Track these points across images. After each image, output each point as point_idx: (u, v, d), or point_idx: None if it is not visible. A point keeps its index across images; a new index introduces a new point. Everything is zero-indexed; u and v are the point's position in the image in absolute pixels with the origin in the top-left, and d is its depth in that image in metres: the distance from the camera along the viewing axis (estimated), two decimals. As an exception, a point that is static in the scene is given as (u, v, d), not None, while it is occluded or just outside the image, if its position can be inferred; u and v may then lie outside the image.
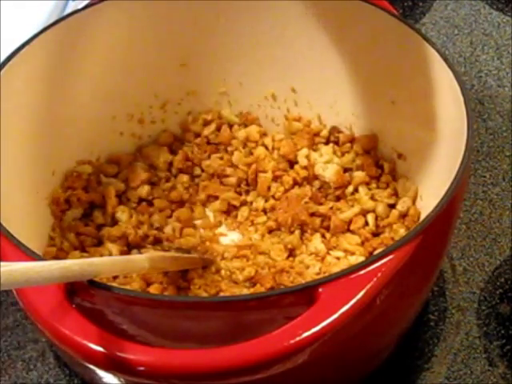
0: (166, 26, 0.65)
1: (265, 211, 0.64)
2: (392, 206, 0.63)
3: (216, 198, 0.65)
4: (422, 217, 0.59)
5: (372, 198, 0.63)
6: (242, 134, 0.68)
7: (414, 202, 0.62)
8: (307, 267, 0.60)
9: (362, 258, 0.59)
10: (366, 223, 0.62)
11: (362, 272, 0.46)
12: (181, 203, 0.65)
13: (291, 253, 0.61)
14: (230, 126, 0.69)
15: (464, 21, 0.84)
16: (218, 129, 0.69)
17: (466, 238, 0.67)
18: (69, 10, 0.76)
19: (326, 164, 0.65)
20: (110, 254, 0.60)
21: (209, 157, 0.68)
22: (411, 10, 0.86)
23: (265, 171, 0.66)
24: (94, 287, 0.46)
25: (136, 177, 0.65)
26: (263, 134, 0.69)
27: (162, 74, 0.67)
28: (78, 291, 0.46)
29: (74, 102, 0.63)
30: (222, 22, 0.66)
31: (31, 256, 0.47)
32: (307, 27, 0.64)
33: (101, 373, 0.49)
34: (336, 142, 0.67)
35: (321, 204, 0.64)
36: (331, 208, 0.63)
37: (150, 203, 0.65)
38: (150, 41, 0.65)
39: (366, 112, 0.65)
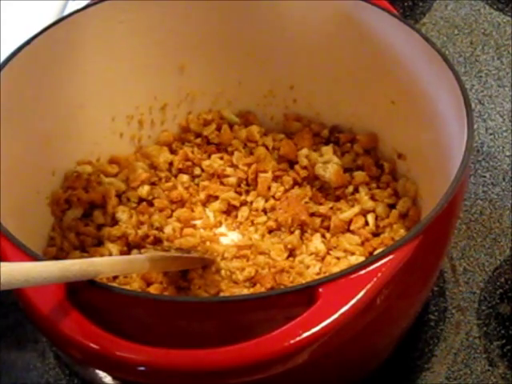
0: (165, 27, 0.65)
1: (265, 211, 0.64)
2: (392, 206, 0.63)
3: (216, 198, 0.65)
4: (422, 217, 0.59)
5: (372, 198, 0.63)
6: (242, 133, 0.68)
7: (414, 202, 0.62)
8: (307, 267, 0.60)
9: (362, 258, 0.59)
10: (366, 223, 0.62)
11: (362, 272, 0.46)
12: (181, 203, 0.65)
13: (291, 253, 0.61)
14: (231, 125, 0.69)
15: (464, 21, 0.84)
16: (218, 129, 0.69)
17: (466, 238, 0.67)
18: (69, 10, 0.76)
19: (326, 164, 0.65)
20: (110, 254, 0.60)
21: (209, 157, 0.68)
22: (411, 9, 0.86)
23: (265, 171, 0.65)
24: (94, 287, 0.46)
25: (136, 177, 0.65)
26: (263, 134, 0.68)
27: (162, 74, 0.67)
28: (78, 291, 0.46)
29: (74, 102, 0.63)
30: (221, 21, 0.65)
31: (31, 256, 0.47)
32: (307, 27, 0.64)
33: (101, 373, 0.49)
34: (336, 142, 0.67)
35: (321, 204, 0.64)
36: (331, 208, 0.63)
37: (150, 203, 0.65)
38: (150, 41, 0.65)
39: (366, 112, 0.65)
